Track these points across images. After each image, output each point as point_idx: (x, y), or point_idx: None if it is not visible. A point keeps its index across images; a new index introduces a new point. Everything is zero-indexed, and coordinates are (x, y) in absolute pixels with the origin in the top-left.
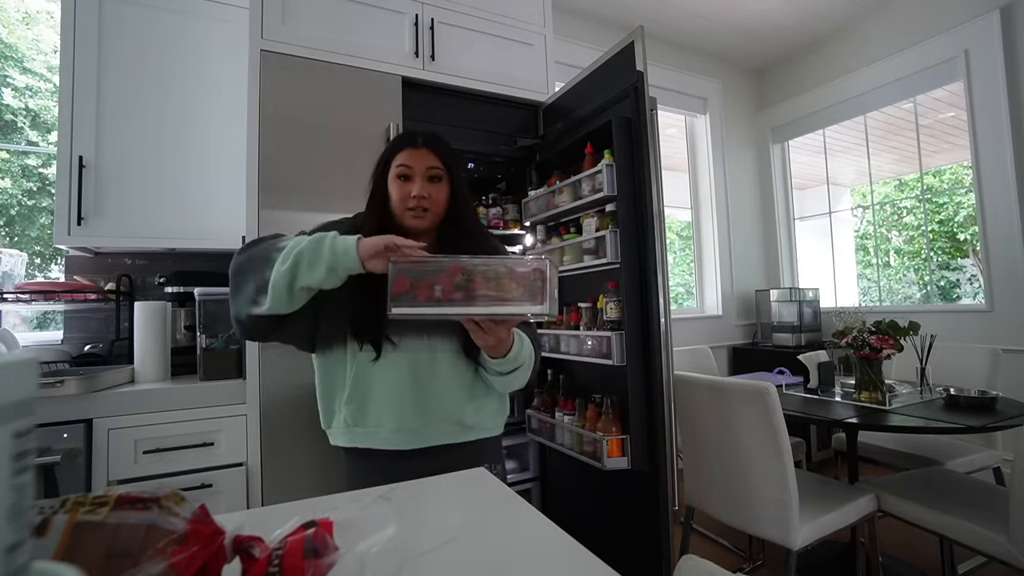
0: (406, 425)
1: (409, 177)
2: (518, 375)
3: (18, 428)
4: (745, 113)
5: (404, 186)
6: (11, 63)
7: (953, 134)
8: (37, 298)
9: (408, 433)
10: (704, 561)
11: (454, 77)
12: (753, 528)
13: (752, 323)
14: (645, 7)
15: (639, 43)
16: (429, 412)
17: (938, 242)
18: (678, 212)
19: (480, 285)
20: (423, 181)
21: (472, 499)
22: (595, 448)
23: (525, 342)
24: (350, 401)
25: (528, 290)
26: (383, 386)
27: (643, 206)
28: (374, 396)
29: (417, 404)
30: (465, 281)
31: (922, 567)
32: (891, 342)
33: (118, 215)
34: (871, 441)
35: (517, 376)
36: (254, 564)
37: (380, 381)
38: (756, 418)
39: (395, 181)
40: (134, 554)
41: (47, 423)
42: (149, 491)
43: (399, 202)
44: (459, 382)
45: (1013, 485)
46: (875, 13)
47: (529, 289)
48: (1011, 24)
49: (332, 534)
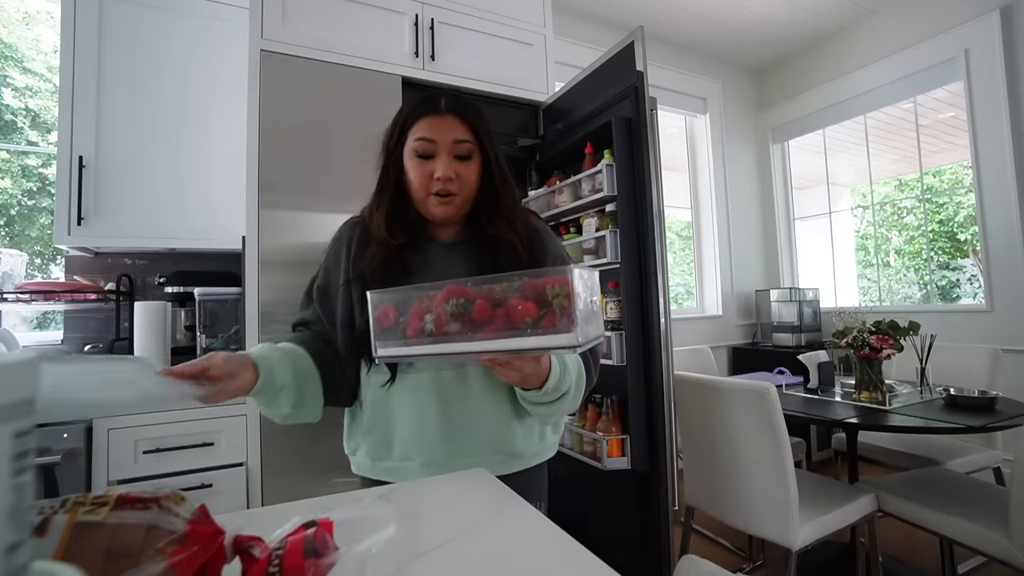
0: (435, 459)
1: (431, 154)
2: (563, 404)
3: (18, 428)
4: (745, 113)
5: (424, 165)
6: (11, 63)
7: (953, 134)
8: (37, 298)
9: (438, 468)
10: (704, 561)
11: (454, 77)
12: (753, 528)
13: (752, 323)
14: (645, 7)
15: (639, 43)
16: (465, 443)
17: (938, 242)
18: (678, 212)
19: (482, 311)
20: (449, 158)
21: (472, 499)
22: (595, 448)
23: (570, 365)
24: (370, 431)
25: (549, 311)
26: (405, 414)
27: (643, 206)
28: (397, 426)
29: (448, 434)
30: (462, 307)
31: (922, 567)
32: (891, 342)
33: (118, 215)
34: (871, 441)
35: (562, 406)
36: (254, 564)
37: (401, 408)
38: (756, 418)
39: (413, 158)
40: (134, 554)
41: (47, 423)
42: (149, 491)
43: (420, 186)
44: (498, 403)
45: (1013, 485)
46: (875, 13)
47: (550, 310)
48: (1011, 24)
49: (332, 534)
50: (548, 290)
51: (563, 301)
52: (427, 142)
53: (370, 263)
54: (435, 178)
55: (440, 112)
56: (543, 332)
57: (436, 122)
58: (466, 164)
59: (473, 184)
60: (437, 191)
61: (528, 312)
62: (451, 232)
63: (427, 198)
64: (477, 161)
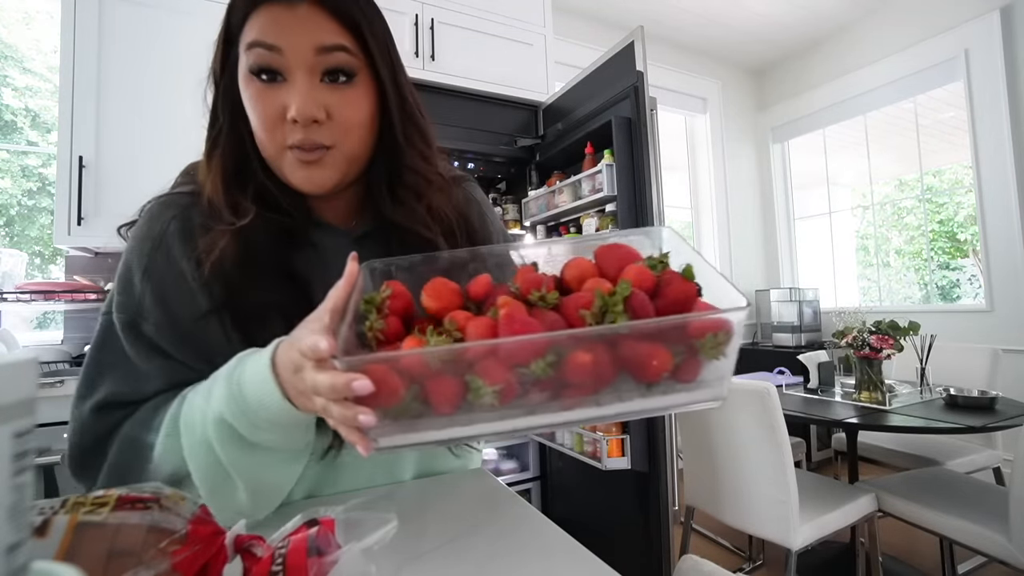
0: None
1: (276, 72)
2: None
3: (18, 428)
4: (745, 113)
5: (267, 93)
6: (11, 63)
7: (953, 134)
8: (37, 298)
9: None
10: (704, 561)
11: (454, 77)
12: (753, 528)
13: (752, 323)
14: (645, 7)
15: (639, 43)
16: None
17: (938, 242)
18: (678, 212)
19: (582, 368)
20: (310, 79)
21: (472, 499)
22: (595, 448)
23: None
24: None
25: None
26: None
27: (643, 206)
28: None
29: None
30: (552, 365)
31: (922, 567)
32: (891, 342)
33: (118, 215)
34: (871, 441)
35: None
36: (257, 563)
37: (345, 470)
38: (756, 418)
39: (249, 84)
40: (135, 554)
41: (47, 423)
42: (149, 491)
43: (266, 135)
44: None
45: (1013, 485)
46: (875, 13)
47: (691, 357)
48: (1011, 24)
49: (334, 532)
50: (697, 339)
51: (719, 352)
52: (268, 51)
53: (216, 268)
54: (288, 119)
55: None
56: (677, 389)
57: (282, 14)
58: (343, 91)
59: (361, 127)
60: (297, 142)
61: (662, 364)
62: (344, 210)
63: (281, 153)
64: (366, 86)
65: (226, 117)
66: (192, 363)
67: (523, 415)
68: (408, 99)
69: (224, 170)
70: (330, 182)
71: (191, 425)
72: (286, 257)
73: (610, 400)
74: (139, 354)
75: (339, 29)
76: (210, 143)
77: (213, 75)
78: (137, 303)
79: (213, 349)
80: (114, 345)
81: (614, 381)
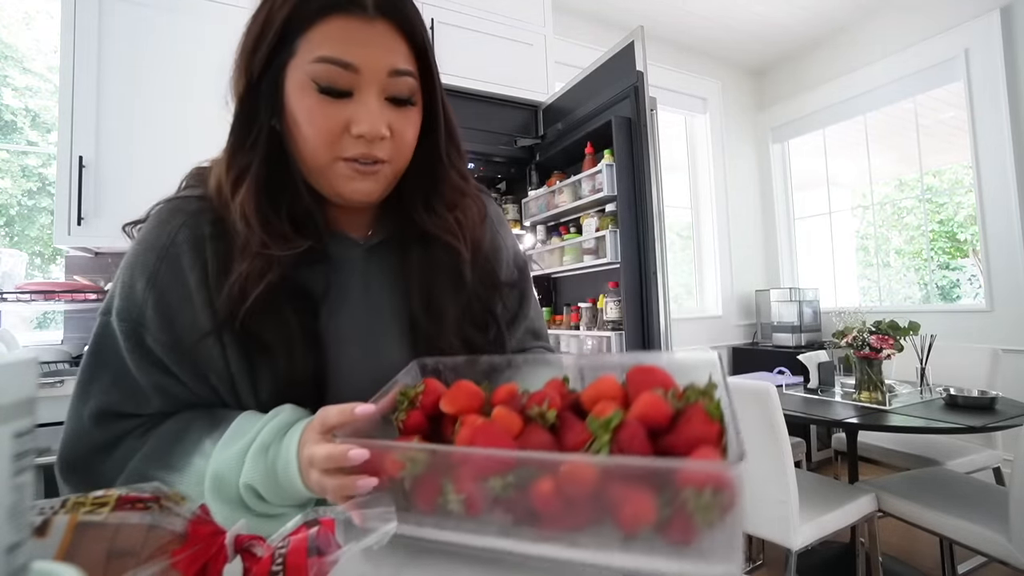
0: None
1: (346, 91)
2: None
3: (18, 428)
4: (745, 113)
5: (333, 108)
6: (11, 63)
7: (953, 134)
8: (37, 298)
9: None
10: None
11: (454, 77)
12: (753, 528)
13: (752, 323)
14: (645, 7)
15: (639, 43)
16: None
17: (938, 242)
18: (678, 212)
19: (548, 500)
20: (380, 100)
21: None
22: None
23: None
24: None
25: (678, 517)
26: None
27: (643, 206)
28: None
29: None
30: (511, 486)
31: (922, 567)
32: (891, 342)
33: (118, 215)
34: (871, 441)
35: None
36: (257, 562)
37: None
38: (756, 418)
39: (309, 94)
40: (136, 554)
41: (47, 423)
42: (149, 491)
43: (322, 144)
44: None
45: (1013, 485)
46: (875, 13)
47: (680, 514)
48: (1011, 24)
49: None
50: (691, 483)
51: (710, 517)
52: (343, 68)
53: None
54: (355, 135)
55: (365, 11)
56: (662, 551)
57: (359, 30)
58: (405, 113)
59: (412, 146)
60: (356, 155)
61: (639, 513)
62: (364, 220)
63: (332, 164)
64: (419, 107)
65: (266, 120)
66: (189, 381)
67: (496, 535)
68: (451, 120)
69: (258, 180)
70: (376, 194)
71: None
72: (302, 276)
73: (588, 544)
74: (139, 367)
75: (409, 53)
76: (238, 144)
77: (247, 74)
78: (139, 311)
79: (208, 367)
80: (112, 347)
81: (596, 523)
